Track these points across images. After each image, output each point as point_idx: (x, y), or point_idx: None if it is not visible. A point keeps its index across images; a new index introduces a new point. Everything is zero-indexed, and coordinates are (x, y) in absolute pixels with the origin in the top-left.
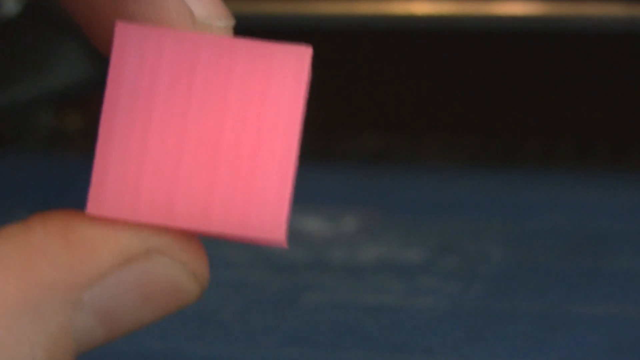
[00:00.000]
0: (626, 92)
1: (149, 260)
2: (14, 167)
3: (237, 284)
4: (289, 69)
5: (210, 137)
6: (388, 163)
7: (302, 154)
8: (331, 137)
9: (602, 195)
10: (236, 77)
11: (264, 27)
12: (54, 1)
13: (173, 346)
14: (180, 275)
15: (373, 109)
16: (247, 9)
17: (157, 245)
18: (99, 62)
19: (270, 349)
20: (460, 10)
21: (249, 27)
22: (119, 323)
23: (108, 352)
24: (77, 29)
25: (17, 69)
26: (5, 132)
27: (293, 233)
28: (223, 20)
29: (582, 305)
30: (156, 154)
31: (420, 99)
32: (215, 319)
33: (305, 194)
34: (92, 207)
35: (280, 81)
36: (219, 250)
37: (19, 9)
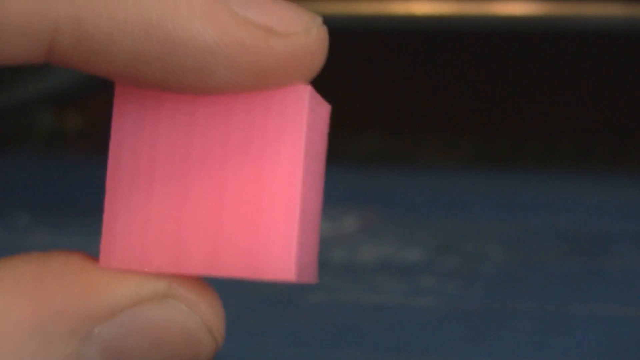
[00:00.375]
0: (626, 92)
1: (163, 304)
2: (14, 167)
3: (237, 284)
4: (287, 111)
5: (214, 185)
6: (388, 163)
7: None
8: (331, 137)
9: (602, 195)
10: (235, 126)
11: None
12: None
13: None
14: (194, 325)
15: (373, 109)
16: None
17: (172, 291)
18: None
19: (270, 349)
20: (460, 10)
21: None
22: None
23: None
24: None
25: (17, 69)
26: (5, 132)
27: None
28: (309, 20)
29: (582, 305)
30: (161, 206)
31: (420, 99)
32: None
33: None
34: (104, 260)
35: (278, 124)
36: None
37: None
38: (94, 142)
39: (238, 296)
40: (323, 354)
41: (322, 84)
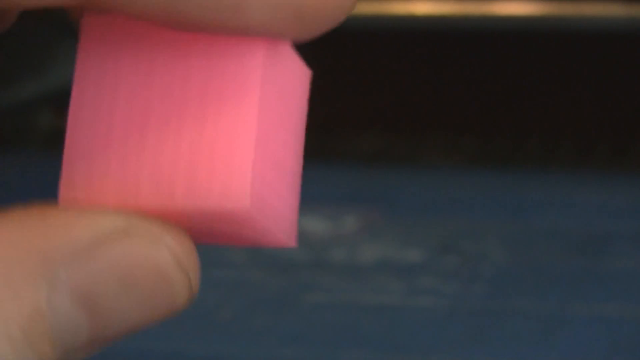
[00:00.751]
0: (626, 92)
1: (128, 238)
2: (14, 167)
3: (237, 284)
4: (245, 57)
5: (173, 125)
6: (388, 163)
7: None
8: (331, 137)
9: (602, 195)
10: (196, 68)
11: None
12: None
13: (173, 346)
14: (161, 258)
15: (373, 109)
16: None
17: (133, 224)
18: None
19: (270, 349)
20: (460, 10)
21: None
22: (103, 313)
23: (108, 352)
24: (76, 29)
25: (17, 69)
26: (5, 132)
27: None
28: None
29: (582, 305)
30: (121, 144)
31: (420, 99)
32: (215, 319)
33: (305, 194)
34: (63, 201)
35: (237, 69)
36: (219, 250)
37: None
38: None
39: (238, 296)
40: (323, 354)
41: (323, 84)
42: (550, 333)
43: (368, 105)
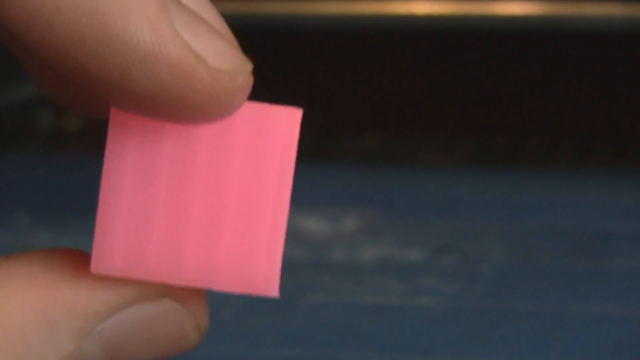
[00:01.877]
0: (626, 92)
1: (161, 303)
2: (14, 167)
3: None
4: (280, 132)
5: (213, 201)
6: (388, 163)
7: (302, 154)
8: (331, 137)
9: (602, 195)
10: (236, 150)
11: (264, 27)
12: None
13: None
14: (187, 322)
15: (373, 109)
16: (247, 9)
17: (169, 291)
18: None
19: (270, 349)
20: (460, 10)
21: (249, 27)
22: (122, 358)
23: None
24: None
25: (17, 69)
26: (5, 132)
27: (293, 233)
28: (242, 64)
29: (582, 305)
30: (161, 220)
31: (419, 99)
32: (215, 319)
33: (305, 194)
34: (98, 268)
35: (273, 144)
36: None
37: None
38: (94, 142)
39: (238, 296)
40: (323, 354)
41: (323, 84)
42: (550, 333)
43: (368, 105)
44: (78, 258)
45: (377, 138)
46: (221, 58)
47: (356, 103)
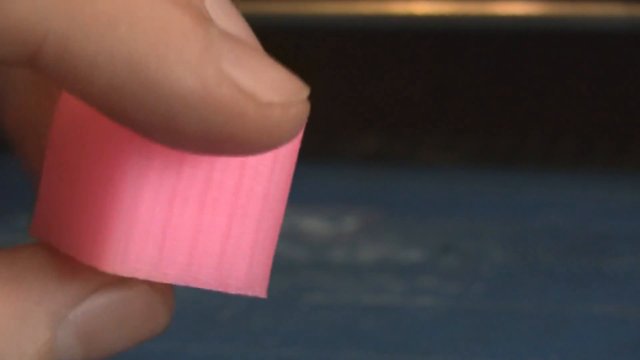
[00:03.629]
0: (626, 92)
1: (126, 285)
2: (14, 167)
3: None
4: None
5: (224, 212)
6: (388, 163)
7: (302, 154)
8: (331, 137)
9: (602, 195)
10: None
11: (264, 27)
12: None
13: (173, 346)
14: (156, 301)
15: (373, 109)
16: (247, 9)
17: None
18: None
19: (270, 349)
20: (460, 10)
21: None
22: (96, 344)
23: None
24: None
25: None
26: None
27: (293, 233)
28: (296, 94)
29: (582, 305)
30: (174, 223)
31: (420, 99)
32: (215, 319)
33: (305, 194)
34: (111, 265)
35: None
36: None
37: None
38: None
39: (238, 296)
40: (323, 354)
41: (323, 84)
42: (550, 333)
43: (368, 105)
44: (39, 251)
45: (377, 138)
46: (272, 90)
47: (356, 103)
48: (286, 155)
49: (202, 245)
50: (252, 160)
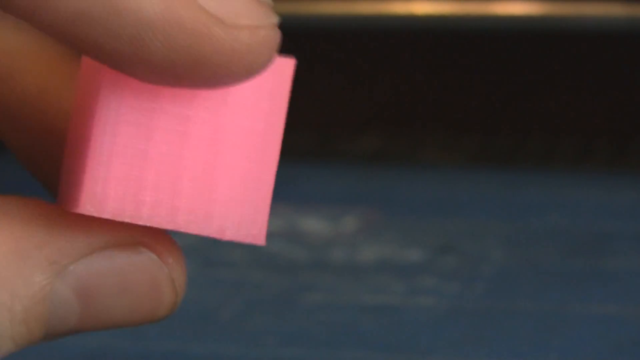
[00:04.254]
0: (626, 92)
1: (135, 251)
2: (14, 167)
3: (237, 284)
4: (274, 80)
5: (208, 149)
6: (388, 163)
7: (302, 154)
8: (331, 137)
9: (602, 195)
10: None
11: None
12: None
13: (173, 346)
14: (160, 274)
15: (373, 108)
16: None
17: (145, 240)
18: None
19: (270, 349)
20: (460, 10)
21: None
22: (94, 307)
23: (108, 351)
24: None
25: None
26: None
27: (293, 233)
28: (263, 18)
29: (582, 305)
30: (155, 164)
31: (420, 99)
32: (215, 319)
33: (305, 194)
34: (87, 207)
35: (266, 92)
36: (219, 250)
37: None
38: None
39: (238, 296)
40: (323, 354)
41: (322, 83)
42: (550, 333)
43: (368, 105)
44: (51, 206)
45: (377, 138)
46: (239, 14)
47: (356, 103)
48: (274, 92)
49: (187, 185)
50: (234, 97)
